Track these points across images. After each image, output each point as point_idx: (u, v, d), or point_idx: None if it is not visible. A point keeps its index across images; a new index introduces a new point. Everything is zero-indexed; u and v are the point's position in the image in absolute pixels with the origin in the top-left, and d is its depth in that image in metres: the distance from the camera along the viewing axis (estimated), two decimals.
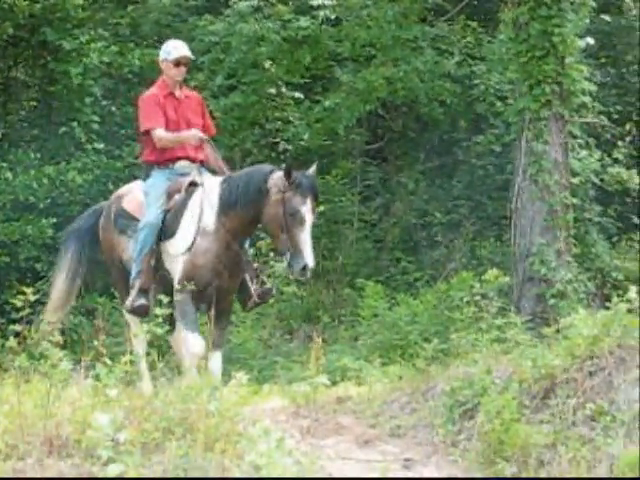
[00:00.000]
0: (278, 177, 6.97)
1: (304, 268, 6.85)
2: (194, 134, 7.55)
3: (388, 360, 9.15)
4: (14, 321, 5.88)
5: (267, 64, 14.45)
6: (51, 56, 13.78)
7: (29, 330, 5.82)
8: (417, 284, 13.60)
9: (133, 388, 5.65)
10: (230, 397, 5.44)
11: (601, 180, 14.05)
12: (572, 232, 11.89)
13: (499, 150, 15.27)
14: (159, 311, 5.80)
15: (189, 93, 7.94)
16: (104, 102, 14.11)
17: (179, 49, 7.74)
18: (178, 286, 7.04)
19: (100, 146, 13.53)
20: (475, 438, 5.78)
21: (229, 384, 5.62)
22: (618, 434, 5.47)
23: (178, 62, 7.67)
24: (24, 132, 14.32)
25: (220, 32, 14.11)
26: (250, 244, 7.89)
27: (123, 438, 4.75)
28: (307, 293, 13.52)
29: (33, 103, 14.96)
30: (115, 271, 7.80)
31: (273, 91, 15.03)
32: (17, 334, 5.54)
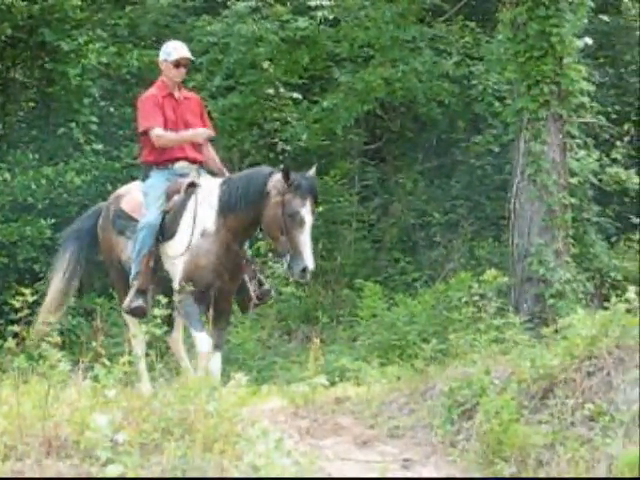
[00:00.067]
0: (278, 179, 6.94)
1: (304, 270, 6.84)
2: (202, 132, 7.54)
3: (387, 360, 9.17)
4: (13, 322, 5.86)
5: (265, 65, 14.47)
6: (49, 57, 13.80)
7: (28, 331, 5.81)
8: (415, 284, 13.61)
9: (132, 389, 5.64)
10: (229, 398, 5.44)
11: (599, 180, 14.05)
12: (570, 232, 11.90)
13: (497, 150, 15.28)
14: (157, 312, 5.79)
15: (188, 94, 7.91)
16: (102, 103, 14.11)
17: (179, 50, 7.71)
18: (178, 287, 7.04)
19: (98, 147, 13.54)
20: (474, 438, 5.78)
21: (228, 385, 5.62)
22: (617, 434, 5.46)
23: (178, 63, 7.63)
24: (22, 133, 14.31)
25: (218, 33, 14.12)
26: (249, 245, 7.88)
27: (122, 439, 4.75)
28: (306, 294, 13.52)
29: (31, 104, 14.97)
30: (114, 272, 7.78)
31: (271, 92, 15.04)
32: (16, 335, 5.52)
